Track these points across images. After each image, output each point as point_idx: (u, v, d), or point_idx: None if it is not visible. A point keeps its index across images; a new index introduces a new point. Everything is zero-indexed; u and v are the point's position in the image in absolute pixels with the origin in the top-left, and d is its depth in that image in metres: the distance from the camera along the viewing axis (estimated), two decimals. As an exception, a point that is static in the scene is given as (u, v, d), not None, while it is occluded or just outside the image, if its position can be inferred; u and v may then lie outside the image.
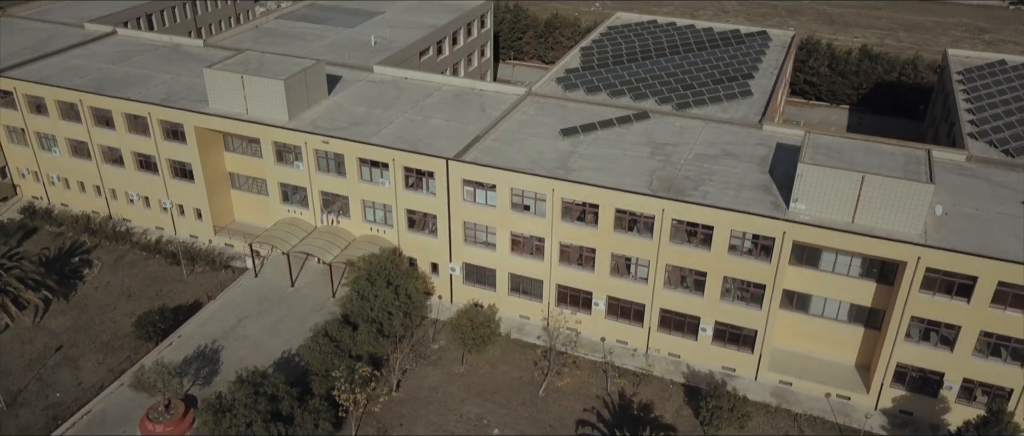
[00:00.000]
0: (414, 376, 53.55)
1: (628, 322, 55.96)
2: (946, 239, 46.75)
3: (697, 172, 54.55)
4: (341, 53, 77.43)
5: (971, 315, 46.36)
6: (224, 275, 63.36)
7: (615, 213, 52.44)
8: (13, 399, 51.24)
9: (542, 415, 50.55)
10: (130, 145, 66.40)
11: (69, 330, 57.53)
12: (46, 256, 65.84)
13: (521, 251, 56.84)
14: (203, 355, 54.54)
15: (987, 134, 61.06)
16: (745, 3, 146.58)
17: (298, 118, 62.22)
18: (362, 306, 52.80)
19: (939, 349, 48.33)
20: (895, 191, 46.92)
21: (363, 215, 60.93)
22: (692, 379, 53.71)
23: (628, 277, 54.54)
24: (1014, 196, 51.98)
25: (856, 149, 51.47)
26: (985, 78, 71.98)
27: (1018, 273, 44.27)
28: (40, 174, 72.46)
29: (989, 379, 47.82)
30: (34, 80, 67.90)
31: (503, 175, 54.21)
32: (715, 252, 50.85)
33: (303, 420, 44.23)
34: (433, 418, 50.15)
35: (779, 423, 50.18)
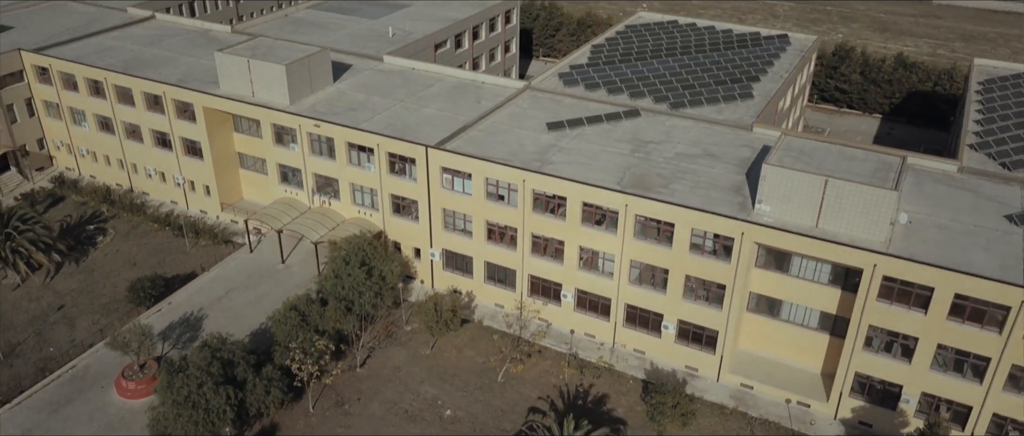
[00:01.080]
0: (382, 355, 55.24)
1: (596, 316, 56.35)
2: (908, 248, 45.66)
3: (672, 170, 54.52)
4: (359, 42, 79.84)
5: (928, 327, 45.14)
6: (224, 249, 66.44)
7: (582, 206, 52.94)
8: (11, 350, 55.20)
9: (496, 400, 51.50)
10: (148, 122, 70.24)
11: (73, 291, 61.44)
12: (67, 222, 70.28)
13: (496, 240, 57.87)
14: (187, 322, 57.52)
15: (989, 146, 58.93)
16: (797, 7, 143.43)
17: (299, 102, 64.72)
18: (335, 284, 54.75)
19: (898, 360, 47.18)
20: (858, 197, 46.09)
21: (352, 198, 63.00)
22: (653, 376, 53.73)
23: (596, 271, 54.94)
24: (998, 209, 50.24)
25: (829, 153, 50.66)
26: (1006, 89, 69.21)
27: (975, 286, 42.94)
28: (72, 147, 77.30)
29: (948, 394, 46.42)
30: (68, 58, 72.46)
31: (478, 164, 55.34)
32: (677, 250, 50.81)
33: (255, 386, 46.37)
34: (390, 395, 51.71)
35: (732, 425, 49.81)
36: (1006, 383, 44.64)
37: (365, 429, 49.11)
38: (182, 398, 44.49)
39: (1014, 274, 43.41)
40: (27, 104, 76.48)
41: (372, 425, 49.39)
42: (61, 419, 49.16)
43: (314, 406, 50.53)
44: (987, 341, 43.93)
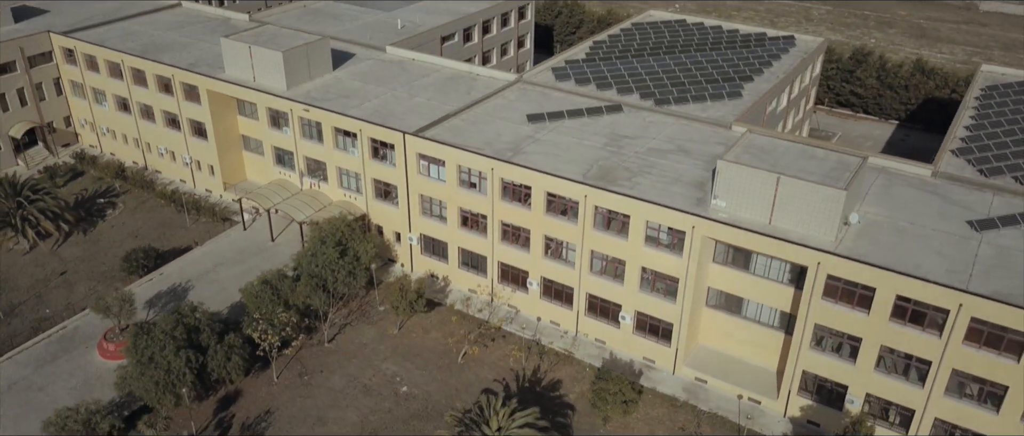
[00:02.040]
0: (352, 332, 57.37)
1: (560, 304, 57.42)
2: (855, 248, 45.63)
3: (640, 164, 55.24)
4: (368, 33, 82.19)
5: (871, 327, 45.02)
6: (221, 226, 69.58)
7: (546, 196, 54.10)
8: (12, 310, 59.13)
9: (453, 380, 53.09)
10: (160, 103, 73.89)
11: (77, 259, 65.27)
12: (83, 195, 74.46)
13: (468, 227, 59.42)
14: (174, 292, 60.63)
15: (971, 151, 57.96)
16: (833, 11, 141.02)
17: (296, 88, 67.35)
18: (310, 262, 57.07)
19: (843, 360, 47.10)
20: (809, 195, 46.23)
21: (339, 182, 65.34)
22: (611, 365, 54.56)
23: (560, 260, 56.03)
24: (963, 214, 49.63)
25: (789, 152, 50.75)
26: (1006, 96, 67.66)
27: (915, 288, 42.73)
28: (94, 125, 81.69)
29: (892, 397, 46.17)
30: (91, 41, 76.68)
31: (450, 151, 56.99)
32: (632, 241, 51.59)
33: (216, 352, 48.94)
34: (352, 370, 53.78)
35: (680, 417, 50.38)
36: (948, 387, 44.24)
37: (323, 400, 51.26)
38: (146, 359, 47.31)
39: (959, 278, 43.07)
40: (55, 83, 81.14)
41: (330, 397, 51.52)
42: (45, 374, 52.62)
43: (279, 376, 52.92)
44: (928, 344, 43.64)
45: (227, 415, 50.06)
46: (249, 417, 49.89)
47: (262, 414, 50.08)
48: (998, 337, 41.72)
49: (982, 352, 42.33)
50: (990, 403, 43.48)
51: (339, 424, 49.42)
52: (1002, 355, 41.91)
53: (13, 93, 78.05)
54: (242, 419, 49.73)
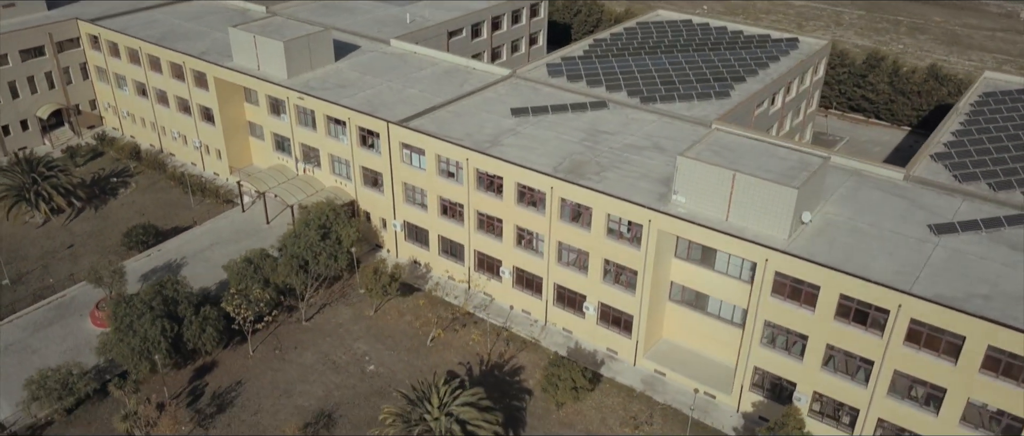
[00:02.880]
0: (330, 312, 59.68)
1: (531, 293, 58.79)
2: (804, 246, 46.06)
3: (613, 160, 56.29)
4: (377, 27, 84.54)
5: (817, 326, 45.41)
6: (223, 208, 72.66)
7: (517, 187, 55.56)
8: (19, 278, 62.98)
9: (418, 361, 54.95)
10: (173, 89, 77.41)
11: (85, 233, 69.01)
12: (100, 174, 78.45)
13: (447, 215, 61.19)
14: (169, 267, 63.80)
15: (950, 157, 57.56)
16: (865, 16, 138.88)
17: (297, 77, 70.01)
18: (292, 243, 59.51)
19: (791, 358, 47.53)
20: (762, 192, 46.81)
21: (331, 168, 67.78)
22: (574, 354, 55.76)
23: (530, 250, 57.41)
24: (927, 218, 49.54)
25: (753, 150, 51.24)
26: (1001, 104, 66.70)
27: (857, 287, 43.05)
28: (116, 108, 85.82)
29: (837, 395, 46.45)
30: (113, 29, 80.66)
31: (429, 141, 58.84)
32: (595, 233, 52.71)
33: (191, 322, 51.66)
34: (325, 348, 56.05)
35: (634, 407, 51.36)
36: (890, 388, 44.39)
37: (293, 374, 53.63)
38: (125, 326, 50.24)
39: (905, 280, 43.23)
40: (81, 68, 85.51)
41: (300, 372, 53.85)
42: (40, 338, 56.12)
43: (255, 350, 55.48)
44: (870, 344, 43.88)
45: (201, 384, 52.76)
46: (221, 387, 52.49)
47: (234, 384, 52.66)
48: (937, 339, 41.81)
49: (922, 354, 42.46)
50: (930, 405, 43.53)
51: (304, 397, 51.69)
52: (941, 357, 41.98)
53: (42, 76, 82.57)
54: (214, 388, 52.37)
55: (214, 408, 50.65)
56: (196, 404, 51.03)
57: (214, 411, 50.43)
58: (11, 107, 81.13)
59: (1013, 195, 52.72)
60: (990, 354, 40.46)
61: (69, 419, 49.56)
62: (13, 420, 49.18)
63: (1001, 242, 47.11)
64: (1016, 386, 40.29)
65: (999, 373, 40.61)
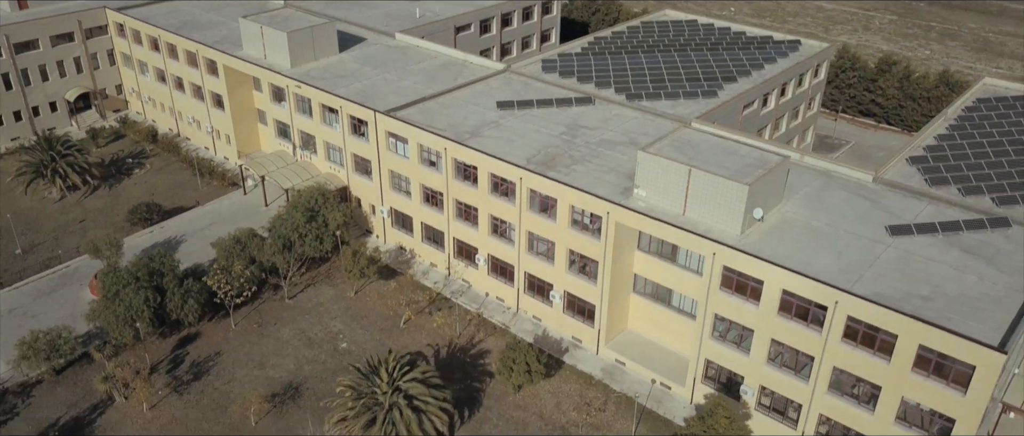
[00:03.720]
0: (313, 291, 62.29)
1: (504, 281, 60.50)
2: (752, 242, 46.87)
3: (586, 154, 57.67)
4: (387, 20, 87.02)
5: (761, 320, 46.21)
6: (228, 190, 75.98)
7: (490, 177, 57.34)
8: (30, 248, 67.10)
9: (389, 341, 57.16)
10: (188, 76, 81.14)
11: (97, 209, 73.00)
12: (118, 155, 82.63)
13: (429, 203, 63.27)
14: (168, 243, 67.23)
15: (926, 160, 57.47)
16: (897, 21, 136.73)
17: (300, 67, 72.88)
18: (280, 224, 62.30)
19: (739, 351, 48.36)
20: (716, 188, 47.78)
21: (326, 155, 70.47)
22: (541, 341, 57.32)
23: (503, 239, 59.13)
24: (887, 220, 49.85)
25: (715, 147, 52.11)
26: (993, 110, 66.00)
27: (797, 283, 43.77)
28: (139, 93, 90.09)
29: (781, 390, 47.16)
30: (136, 17, 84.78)
31: (412, 130, 60.99)
32: (560, 224, 54.20)
33: (174, 294, 54.73)
34: (303, 325, 58.65)
35: (590, 394, 52.72)
36: (830, 384, 44.97)
37: (269, 348, 56.33)
38: (112, 295, 53.53)
39: (848, 278, 43.80)
40: (108, 54, 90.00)
41: (276, 346, 56.53)
42: (40, 304, 59.93)
43: (236, 324, 58.35)
44: (810, 340, 44.54)
45: (183, 352, 55.81)
46: (201, 356, 55.45)
47: (213, 355, 55.58)
48: (872, 337, 42.32)
49: (858, 351, 43.00)
50: (867, 402, 44.01)
51: (277, 369, 54.33)
52: (876, 355, 42.48)
53: (70, 61, 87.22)
54: (194, 357, 55.35)
55: (191, 376, 53.59)
56: (175, 371, 54.06)
57: (190, 378, 53.37)
58: (41, 89, 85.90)
59: (981, 200, 52.55)
60: (921, 353, 40.87)
61: (57, 379, 53.02)
62: (7, 378, 52.83)
63: (955, 246, 47.23)
64: (945, 386, 40.62)
65: (930, 373, 40.99)
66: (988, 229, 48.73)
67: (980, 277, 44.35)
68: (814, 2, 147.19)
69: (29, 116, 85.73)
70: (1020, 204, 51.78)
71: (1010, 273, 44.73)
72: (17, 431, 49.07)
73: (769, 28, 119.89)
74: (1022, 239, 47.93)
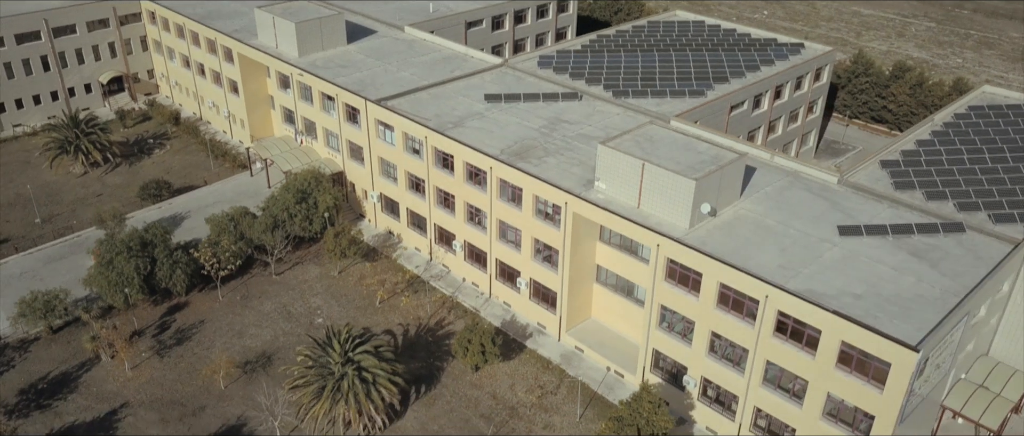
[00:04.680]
0: (300, 269, 65.46)
1: (479, 267, 62.64)
2: (701, 236, 48.00)
3: (560, 146, 59.40)
4: (400, 14, 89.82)
5: (701, 312, 47.33)
6: (237, 172, 79.93)
7: (466, 166, 59.55)
8: (49, 218, 72.01)
9: (363, 318, 59.87)
10: (209, 63, 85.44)
11: (115, 185, 77.73)
12: (143, 136, 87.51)
13: (414, 190, 65.80)
14: (173, 219, 71.32)
15: (897, 164, 57.52)
16: (935, 28, 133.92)
17: (308, 57, 76.28)
18: (272, 204, 65.63)
19: (682, 342, 49.52)
20: (666, 182, 49.07)
21: (325, 141, 73.67)
22: (507, 326, 59.30)
23: (477, 226, 61.27)
24: (841, 220, 50.37)
25: (675, 143, 53.25)
26: (982, 117, 65.27)
27: (731, 276, 44.82)
28: (168, 78, 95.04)
29: (720, 382, 48.18)
30: (164, 5, 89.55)
31: (397, 119, 63.62)
32: (525, 212, 56.09)
33: (162, 263, 58.46)
34: (285, 300, 61.83)
35: (545, 378, 54.48)
36: (763, 378, 45.86)
37: (250, 319, 59.65)
38: (106, 262, 57.53)
39: (784, 274, 44.64)
40: (141, 40, 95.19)
41: (256, 318, 59.82)
42: (48, 269, 64.51)
43: (223, 296, 61.87)
44: (745, 333, 45.51)
45: (170, 319, 59.52)
46: (186, 324, 59.08)
47: (197, 323, 59.15)
48: (800, 332, 43.13)
49: (787, 345, 43.85)
50: (797, 397, 44.79)
51: (254, 339, 57.57)
52: (803, 350, 43.27)
53: (105, 46, 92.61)
54: (180, 325, 59.00)
55: (174, 341, 57.22)
56: (160, 336, 57.77)
57: (173, 343, 57.00)
58: (77, 72, 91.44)
59: (944, 206, 52.51)
60: (844, 350, 41.57)
61: (53, 338, 57.25)
62: (9, 334, 57.28)
63: (903, 248, 47.53)
64: (866, 383, 41.25)
65: (852, 369, 41.65)
66: (941, 233, 48.82)
67: (919, 279, 44.67)
68: (852, 7, 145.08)
69: (65, 96, 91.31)
70: (982, 210, 51.59)
71: (951, 277, 44.92)
72: (11, 382, 53.34)
73: (799, 32, 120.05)
74: (974, 245, 47.93)
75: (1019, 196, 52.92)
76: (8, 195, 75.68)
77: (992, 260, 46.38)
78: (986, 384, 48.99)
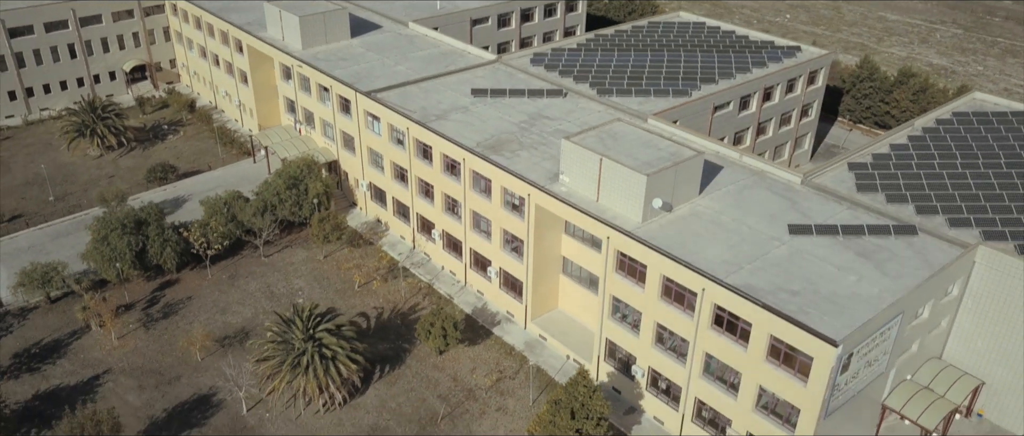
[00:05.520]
0: (288, 252, 68.36)
1: (455, 256, 64.72)
2: (650, 230, 49.31)
3: (536, 141, 61.13)
4: (409, 11, 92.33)
5: (647, 303, 48.68)
6: (242, 158, 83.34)
7: (443, 157, 61.69)
8: (62, 197, 76.22)
9: (341, 301, 62.43)
10: (222, 54, 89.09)
11: (128, 168, 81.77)
12: (160, 122, 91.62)
13: (398, 180, 68.17)
14: (176, 201, 74.93)
15: (865, 167, 57.93)
16: (961, 35, 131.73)
17: (312, 49, 79.25)
18: (264, 189, 68.63)
19: (632, 332, 50.88)
20: (621, 177, 50.52)
21: (322, 131, 76.52)
22: (478, 313, 61.29)
23: (454, 216, 63.35)
24: (796, 219, 51.15)
25: (638, 140, 54.57)
26: (964, 124, 65.08)
27: (671, 269, 46.09)
28: (188, 68, 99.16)
29: (665, 372, 49.44)
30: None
31: (382, 110, 66.04)
32: (494, 203, 57.99)
33: (154, 240, 61.81)
34: (270, 280, 64.74)
35: (506, 363, 56.32)
36: (703, 369, 47.03)
37: (234, 297, 62.68)
38: (101, 238, 61.09)
39: (726, 269, 45.73)
40: (164, 31, 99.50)
41: (241, 296, 62.82)
42: (56, 244, 68.50)
43: (212, 275, 65.04)
44: (686, 324, 46.74)
45: (160, 294, 62.87)
46: (175, 299, 62.35)
47: (185, 298, 62.38)
48: (735, 325, 44.25)
49: (723, 338, 44.99)
50: (733, 388, 45.87)
51: (235, 316, 60.55)
52: (737, 342, 44.38)
53: (130, 36, 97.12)
54: (169, 300, 62.31)
55: (161, 314, 60.51)
56: (149, 309, 61.12)
57: (160, 317, 60.29)
58: (102, 60, 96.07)
59: (903, 209, 52.93)
60: (773, 343, 42.59)
61: (51, 307, 61.00)
62: (12, 301, 61.22)
63: (851, 248, 48.19)
64: (792, 376, 42.22)
65: (781, 362, 42.66)
66: (892, 235, 49.34)
67: (860, 278, 45.37)
68: (878, 12, 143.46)
69: (90, 83, 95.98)
70: (940, 215, 51.91)
71: (893, 277, 45.52)
72: (7, 346, 57.14)
73: (820, 36, 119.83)
74: (924, 247, 48.35)
75: (981, 201, 53.07)
76: (28, 174, 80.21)
77: (938, 263, 46.81)
78: (932, 386, 49.36)
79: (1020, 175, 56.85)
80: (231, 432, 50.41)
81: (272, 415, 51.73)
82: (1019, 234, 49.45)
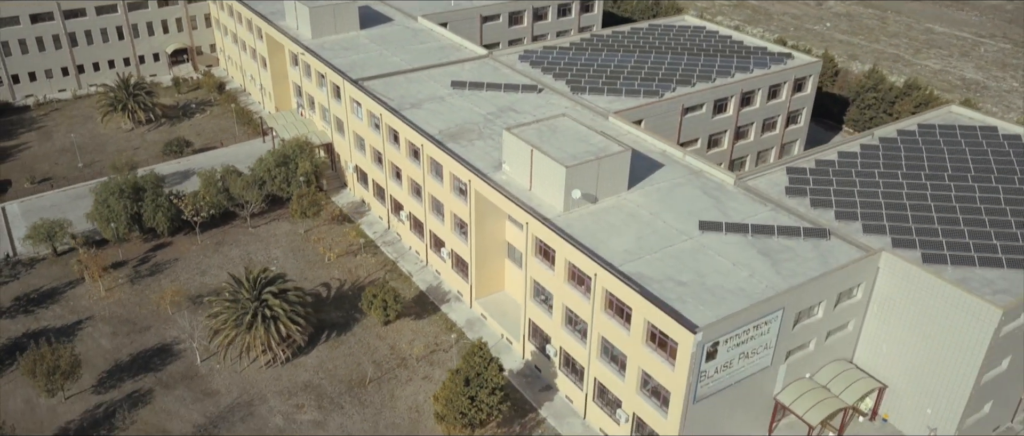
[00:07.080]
0: (274, 225, 74.04)
1: (419, 236, 68.95)
2: (566, 218, 52.36)
3: (496, 132, 64.63)
4: (425, 7, 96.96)
5: (556, 286, 51.72)
6: (253, 137, 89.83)
7: (407, 143, 66.00)
8: (89, 164, 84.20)
9: (309, 272, 67.58)
10: (248, 40, 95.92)
11: (153, 141, 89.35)
12: (191, 101, 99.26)
13: (376, 162, 72.88)
14: (186, 172, 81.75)
15: (803, 172, 59.13)
16: (1007, 50, 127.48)
17: (321, 39, 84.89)
18: (258, 166, 74.52)
19: (548, 314, 53.94)
20: (546, 168, 53.74)
21: (321, 115, 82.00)
22: (431, 291, 65.37)
23: (417, 198, 67.58)
24: (712, 217, 53.18)
25: (575, 135, 57.47)
26: (925, 136, 65.09)
27: (572, 254, 49.05)
28: (224, 52, 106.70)
29: (572, 352, 52.33)
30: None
31: (363, 97, 70.84)
32: (446, 187, 61.93)
33: (147, 205, 68.37)
34: (251, 247, 70.51)
35: (443, 338, 60.22)
36: (601, 351, 49.79)
37: (215, 261, 68.68)
38: (102, 201, 68.04)
39: (624, 258, 48.42)
40: (205, 17, 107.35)
41: (221, 260, 68.78)
42: (72, 204, 76.16)
43: (201, 240, 71.28)
44: (585, 307, 49.61)
45: (152, 255, 69.45)
46: (164, 260, 68.81)
47: (172, 260, 68.76)
48: (621, 309, 46.91)
49: (612, 321, 47.70)
50: (622, 369, 48.50)
51: (212, 278, 66.47)
52: (623, 326, 47.03)
53: (173, 21, 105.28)
54: (158, 260, 68.81)
55: (148, 272, 67.00)
56: (139, 267, 67.72)
57: (146, 275, 66.77)
58: (146, 42, 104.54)
59: (825, 213, 54.15)
60: (651, 329, 45.11)
61: (56, 259, 68.34)
62: (23, 252, 68.89)
63: (755, 246, 50.03)
64: (664, 360, 44.65)
65: (656, 346, 45.15)
66: (801, 237, 50.84)
67: (752, 274, 47.31)
68: (925, 24, 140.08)
69: (136, 63, 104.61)
70: (858, 221, 52.92)
71: (786, 276, 47.25)
72: (11, 290, 64.61)
73: (856, 46, 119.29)
74: (829, 250, 49.71)
75: (905, 212, 53.78)
76: (65, 142, 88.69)
77: (835, 265, 48.19)
78: (829, 385, 50.63)
79: (960, 188, 57.05)
80: (183, 378, 56.07)
81: (222, 367, 57.16)
82: (930, 243, 50.17)
